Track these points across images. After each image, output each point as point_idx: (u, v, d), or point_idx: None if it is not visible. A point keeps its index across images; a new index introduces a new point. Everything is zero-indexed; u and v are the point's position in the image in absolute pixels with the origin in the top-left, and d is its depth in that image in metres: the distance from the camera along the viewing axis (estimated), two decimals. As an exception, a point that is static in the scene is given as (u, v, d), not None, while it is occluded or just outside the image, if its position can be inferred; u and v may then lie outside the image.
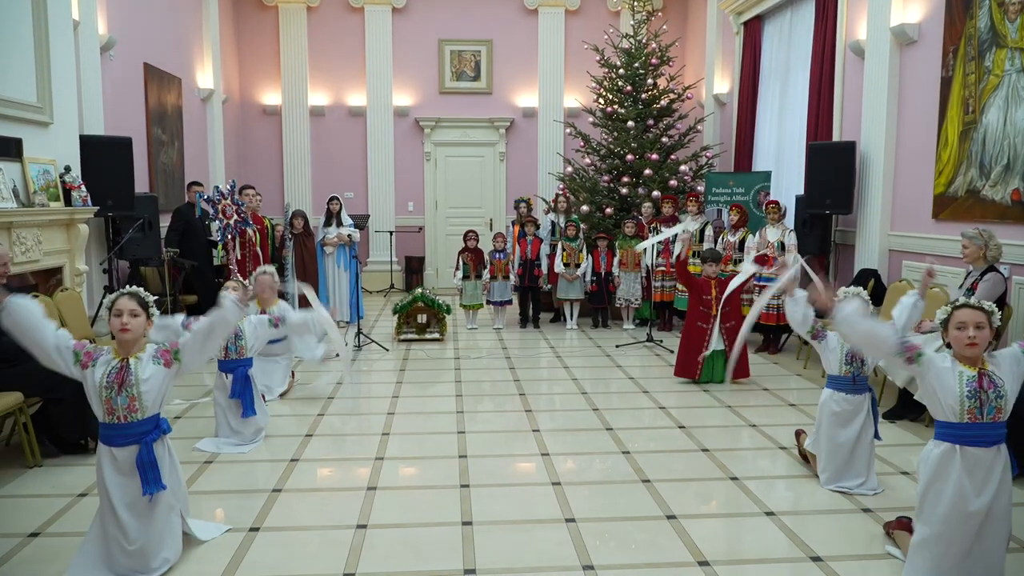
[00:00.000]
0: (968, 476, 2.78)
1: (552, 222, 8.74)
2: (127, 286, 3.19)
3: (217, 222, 7.00)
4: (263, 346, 4.83)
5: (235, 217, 7.14)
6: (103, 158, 6.28)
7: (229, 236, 7.13)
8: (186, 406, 5.33)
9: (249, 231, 7.40)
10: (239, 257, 7.31)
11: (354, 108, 11.42)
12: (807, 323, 3.85)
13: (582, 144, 9.47)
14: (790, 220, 7.46)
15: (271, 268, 5.56)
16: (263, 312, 5.44)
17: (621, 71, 9.12)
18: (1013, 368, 2.81)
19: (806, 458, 4.13)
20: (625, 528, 3.45)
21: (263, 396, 4.87)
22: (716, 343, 5.92)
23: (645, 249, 7.78)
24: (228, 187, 7.17)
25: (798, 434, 4.33)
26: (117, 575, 2.96)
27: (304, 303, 5.19)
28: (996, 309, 2.83)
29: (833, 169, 6.70)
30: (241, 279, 6.11)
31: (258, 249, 7.59)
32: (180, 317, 4.21)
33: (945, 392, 2.82)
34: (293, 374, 6.14)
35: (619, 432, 4.81)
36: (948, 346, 2.88)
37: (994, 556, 2.83)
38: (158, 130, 8.31)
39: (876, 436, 3.87)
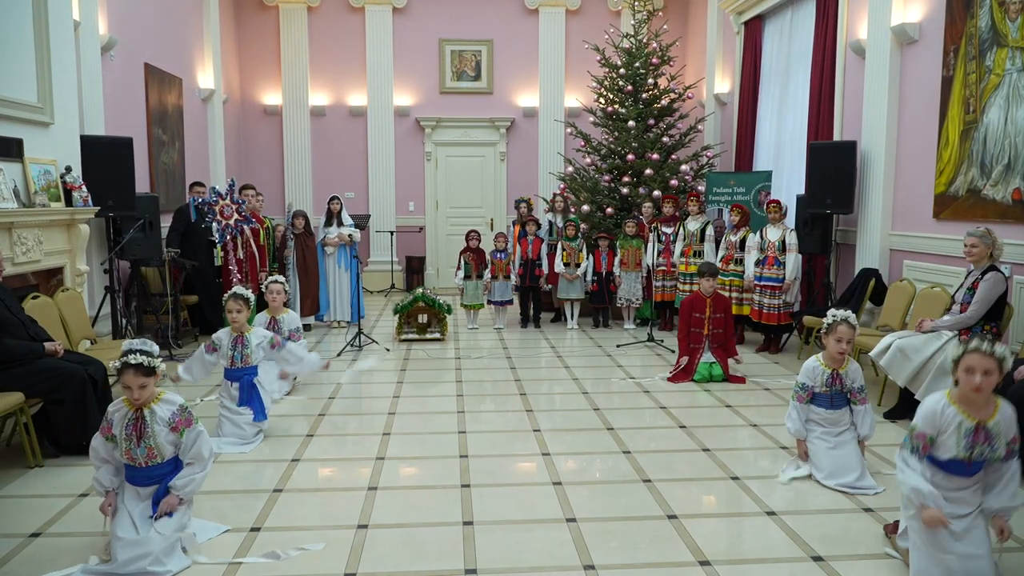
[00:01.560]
0: (944, 489, 2.88)
1: (549, 222, 8.74)
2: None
3: (215, 224, 7.00)
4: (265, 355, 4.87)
5: (235, 216, 7.14)
6: (104, 158, 6.28)
7: (228, 236, 7.13)
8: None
9: (247, 230, 7.40)
10: (239, 257, 7.31)
11: (355, 108, 11.42)
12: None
13: (583, 144, 9.47)
14: (791, 220, 7.46)
15: (281, 278, 5.70)
16: (273, 320, 5.49)
17: (622, 71, 9.11)
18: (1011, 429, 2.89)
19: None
20: (626, 528, 3.45)
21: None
22: (707, 358, 6.04)
23: (645, 249, 7.78)
24: (227, 186, 7.17)
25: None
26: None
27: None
28: (1008, 355, 2.84)
29: (834, 168, 6.69)
30: (242, 283, 6.15)
31: (254, 249, 7.58)
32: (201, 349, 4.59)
33: (942, 447, 2.89)
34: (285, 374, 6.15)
35: (620, 432, 4.81)
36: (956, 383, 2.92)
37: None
38: (159, 130, 8.32)
39: None
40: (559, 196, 8.84)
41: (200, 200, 7.17)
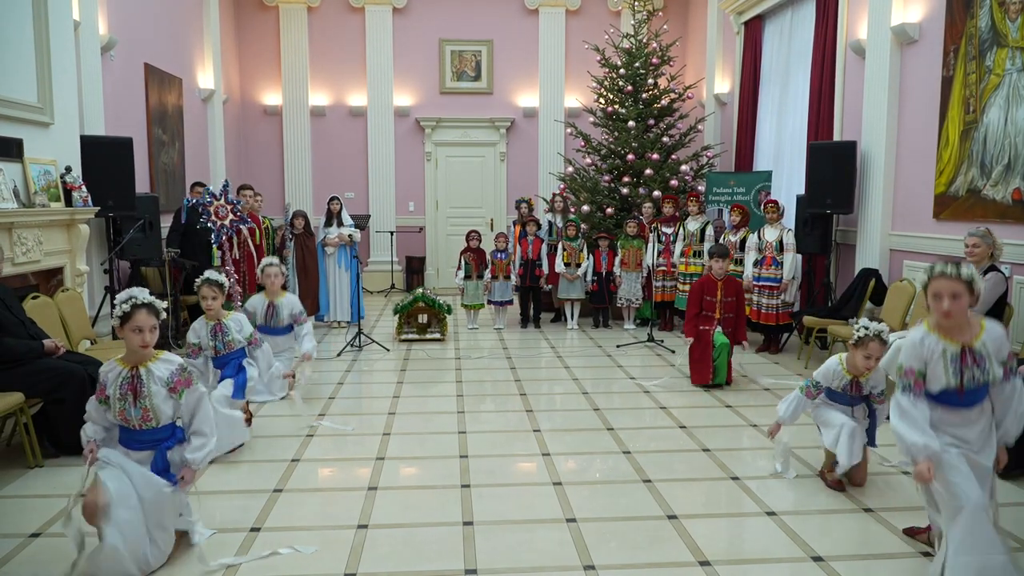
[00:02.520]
0: (948, 425, 2.81)
1: (549, 222, 8.75)
2: (130, 287, 3.16)
3: (210, 225, 6.99)
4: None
5: (230, 217, 7.13)
6: (104, 158, 6.28)
7: (224, 237, 7.12)
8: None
9: (244, 229, 7.39)
10: (236, 257, 7.30)
11: (355, 108, 11.42)
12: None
13: (583, 144, 9.47)
14: (791, 220, 7.46)
15: (276, 259, 5.63)
16: (271, 305, 5.47)
17: (622, 71, 9.11)
18: (999, 348, 2.81)
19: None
20: (626, 528, 3.45)
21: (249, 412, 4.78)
22: (719, 338, 5.82)
23: (646, 249, 7.77)
24: (222, 187, 7.16)
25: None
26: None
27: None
28: (976, 276, 2.77)
29: (834, 169, 6.69)
30: (239, 283, 6.11)
31: (252, 249, 7.58)
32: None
33: (933, 378, 2.82)
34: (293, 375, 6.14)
35: (620, 432, 4.81)
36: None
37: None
38: (159, 130, 8.32)
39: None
40: (559, 196, 8.85)
41: (194, 201, 7.16)
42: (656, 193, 8.56)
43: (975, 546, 2.70)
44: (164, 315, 3.06)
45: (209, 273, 4.58)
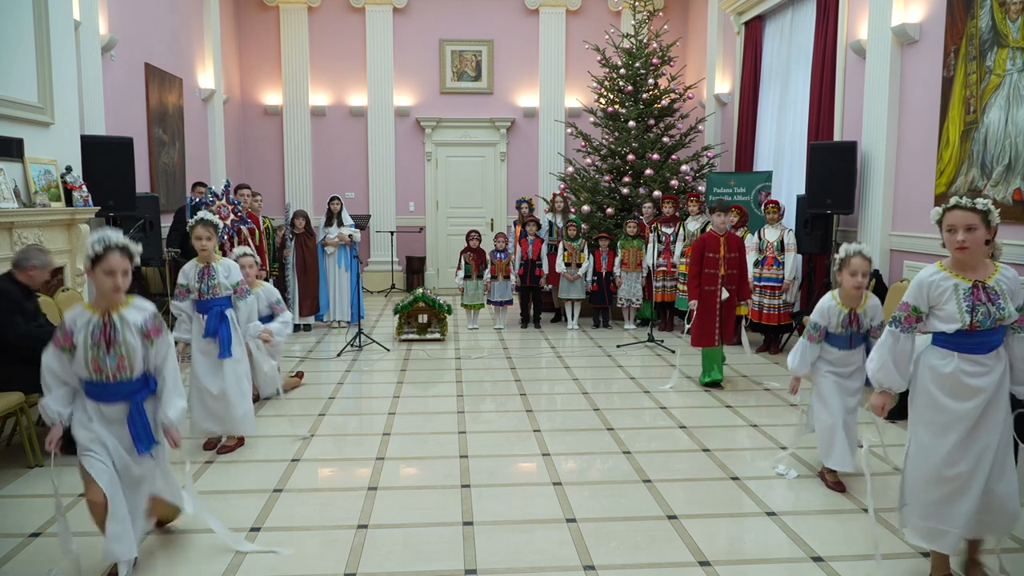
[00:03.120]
0: (964, 374, 2.74)
1: (549, 222, 8.75)
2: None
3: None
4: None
5: (231, 217, 7.13)
6: (104, 158, 6.28)
7: (226, 236, 7.12)
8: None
9: (244, 230, 7.39)
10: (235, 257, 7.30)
11: (355, 108, 11.42)
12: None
13: (583, 144, 9.47)
14: (791, 220, 7.46)
15: (249, 250, 5.36)
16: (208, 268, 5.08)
17: (622, 71, 9.11)
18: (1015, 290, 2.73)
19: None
20: (626, 528, 3.45)
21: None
22: (722, 295, 5.74)
23: (646, 249, 7.76)
24: (223, 187, 7.16)
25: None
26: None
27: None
28: (992, 208, 2.71)
29: (834, 169, 6.69)
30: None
31: (252, 249, 7.58)
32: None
33: (946, 317, 2.75)
34: (301, 374, 6.11)
35: (620, 432, 4.81)
36: None
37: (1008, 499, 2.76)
38: (159, 130, 8.32)
39: None
40: (559, 196, 8.84)
41: (197, 200, 7.17)
42: (656, 193, 8.56)
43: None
44: (138, 260, 2.91)
45: (203, 213, 4.42)
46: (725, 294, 5.80)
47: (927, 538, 2.86)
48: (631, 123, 8.91)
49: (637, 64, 9.12)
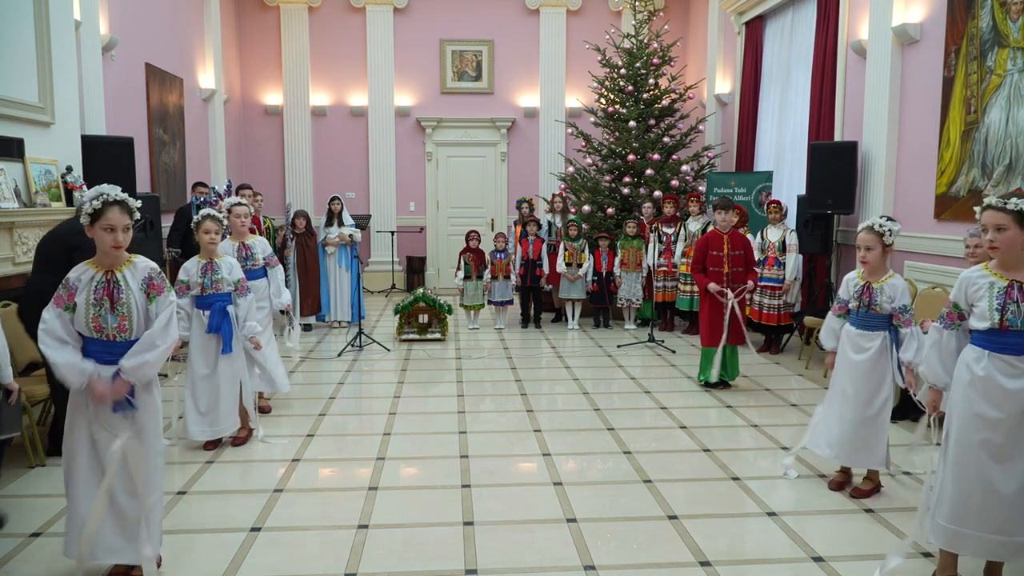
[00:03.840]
0: (998, 374, 2.73)
1: (548, 222, 8.74)
2: None
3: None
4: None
5: None
6: (105, 158, 6.28)
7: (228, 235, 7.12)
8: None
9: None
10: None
11: (355, 108, 11.42)
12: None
13: (584, 144, 9.47)
14: (792, 220, 7.45)
15: (245, 201, 5.28)
16: (244, 247, 5.07)
17: (623, 71, 9.11)
18: None
19: None
20: (626, 528, 3.45)
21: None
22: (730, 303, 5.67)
23: (645, 250, 7.75)
24: (225, 187, 7.16)
25: None
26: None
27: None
28: None
29: (835, 169, 6.69)
30: None
31: None
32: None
33: (979, 315, 2.79)
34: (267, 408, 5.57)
35: (620, 432, 4.81)
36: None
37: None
38: (160, 130, 8.32)
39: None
40: (558, 197, 8.84)
41: (200, 200, 7.17)
42: (656, 193, 8.56)
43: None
44: (138, 215, 2.86)
45: (210, 210, 4.44)
46: (732, 301, 5.69)
47: (949, 541, 2.84)
48: (631, 123, 8.90)
49: (637, 64, 9.12)
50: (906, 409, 4.97)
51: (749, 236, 7.18)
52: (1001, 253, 2.74)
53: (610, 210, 8.77)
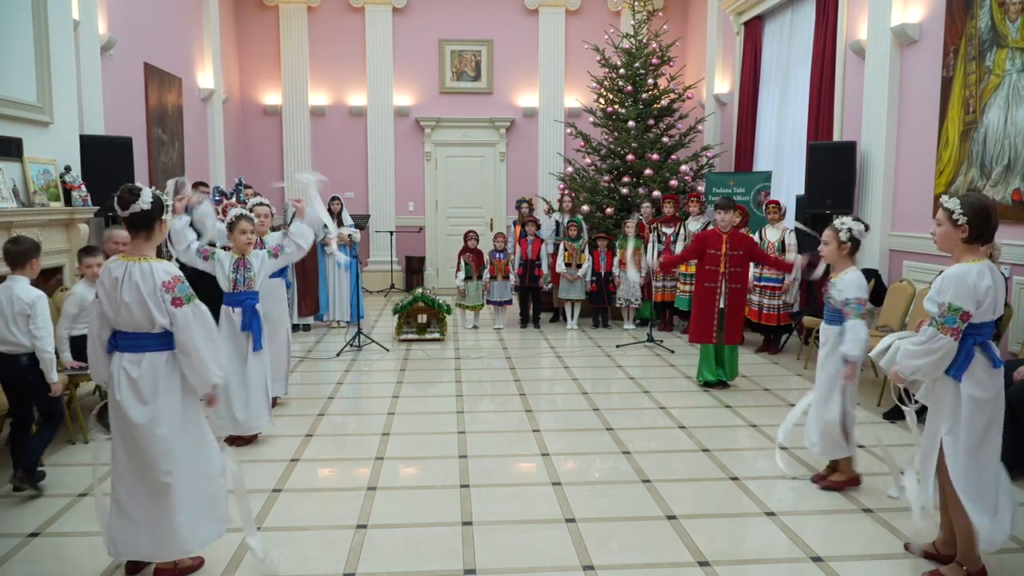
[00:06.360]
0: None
1: (556, 222, 8.72)
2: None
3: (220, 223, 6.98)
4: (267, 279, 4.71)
5: None
6: (103, 158, 6.28)
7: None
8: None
9: None
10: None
11: (354, 108, 11.42)
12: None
13: (583, 144, 9.47)
14: (790, 220, 7.46)
15: (266, 200, 5.46)
16: (260, 244, 5.05)
17: (622, 71, 9.11)
18: None
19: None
20: (625, 528, 3.45)
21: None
22: (722, 302, 5.68)
23: (645, 250, 7.75)
24: (234, 186, 7.15)
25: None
26: None
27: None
28: (956, 207, 2.89)
29: (833, 169, 6.69)
30: None
31: None
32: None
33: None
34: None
35: (619, 432, 4.81)
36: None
37: None
38: (158, 130, 8.31)
39: None
40: (566, 196, 8.80)
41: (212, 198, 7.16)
42: (656, 193, 8.56)
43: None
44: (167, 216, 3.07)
45: (241, 210, 4.62)
46: (723, 300, 5.72)
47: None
48: (630, 123, 8.91)
49: (637, 64, 9.12)
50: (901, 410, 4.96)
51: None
52: (938, 247, 2.95)
53: (609, 210, 8.77)
